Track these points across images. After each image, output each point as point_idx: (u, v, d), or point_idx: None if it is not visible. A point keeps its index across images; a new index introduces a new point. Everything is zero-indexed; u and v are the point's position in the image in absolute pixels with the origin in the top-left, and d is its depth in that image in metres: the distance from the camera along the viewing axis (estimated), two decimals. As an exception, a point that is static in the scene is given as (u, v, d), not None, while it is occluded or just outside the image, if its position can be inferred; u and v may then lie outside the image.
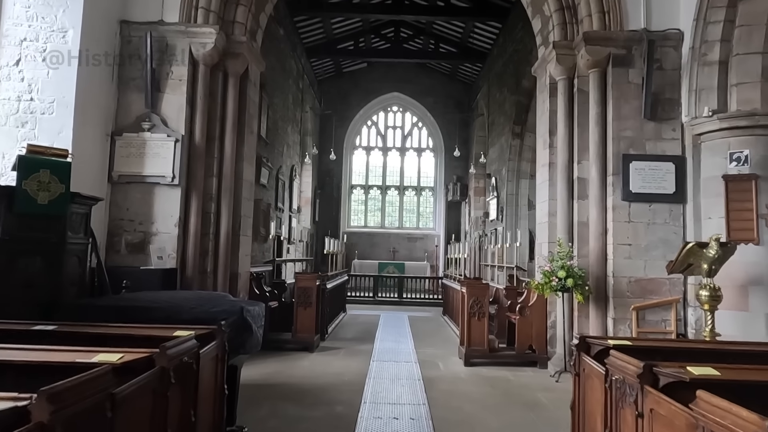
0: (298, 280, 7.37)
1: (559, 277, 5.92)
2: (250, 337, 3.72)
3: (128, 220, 6.22)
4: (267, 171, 11.47)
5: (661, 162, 6.21)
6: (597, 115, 6.41)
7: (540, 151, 7.34)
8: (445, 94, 19.73)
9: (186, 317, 3.67)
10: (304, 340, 7.20)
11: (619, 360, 2.76)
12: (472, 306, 6.71)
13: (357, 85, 19.69)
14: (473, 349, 6.66)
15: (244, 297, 7.01)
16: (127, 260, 6.13)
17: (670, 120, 6.30)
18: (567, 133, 6.69)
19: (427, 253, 19.32)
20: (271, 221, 9.17)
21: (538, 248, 7.28)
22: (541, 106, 7.37)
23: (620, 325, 6.10)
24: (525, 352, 6.71)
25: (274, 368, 6.18)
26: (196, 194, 6.34)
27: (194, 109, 6.43)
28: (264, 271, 9.43)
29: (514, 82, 12.84)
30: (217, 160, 6.61)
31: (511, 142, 12.96)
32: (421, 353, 7.42)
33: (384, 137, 20.69)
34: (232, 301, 4.18)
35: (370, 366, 6.46)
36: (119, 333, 3.32)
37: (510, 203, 13.09)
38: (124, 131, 6.22)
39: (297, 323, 7.25)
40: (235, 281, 6.73)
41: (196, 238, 6.32)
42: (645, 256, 6.17)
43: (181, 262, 6.24)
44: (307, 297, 7.27)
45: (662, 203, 6.20)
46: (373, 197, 20.69)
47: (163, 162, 6.17)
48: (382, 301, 14.69)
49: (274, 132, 12.46)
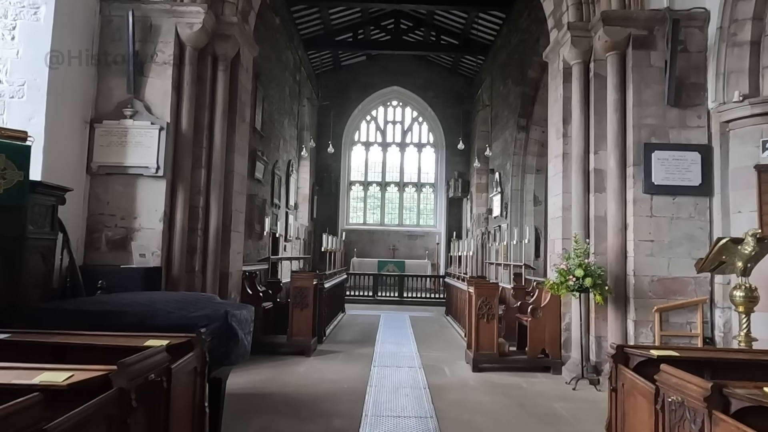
0: (293, 279, 6.89)
1: (576, 276, 5.45)
2: (235, 345, 3.25)
3: (109, 215, 5.74)
4: (262, 165, 10.98)
5: (685, 151, 5.75)
6: (616, 101, 5.95)
7: (552, 141, 6.87)
8: (446, 87, 19.24)
9: (161, 323, 3.19)
10: (300, 343, 6.73)
11: (675, 377, 2.30)
12: (481, 307, 6.24)
13: (356, 78, 19.19)
14: (482, 354, 6.20)
15: (236, 297, 6.54)
16: (108, 258, 5.66)
17: (695, 106, 5.83)
18: (582, 122, 6.22)
19: (428, 250, 18.86)
20: (267, 218, 8.68)
21: (551, 245, 6.81)
22: (553, 93, 6.90)
23: (642, 328, 5.64)
24: (537, 356, 6.25)
25: (266, 375, 5.71)
26: (182, 187, 5.86)
27: (181, 94, 5.94)
28: (258, 269, 8.96)
29: (519, 73, 12.37)
30: (205, 150, 6.13)
31: (516, 136, 12.49)
32: (425, 357, 6.96)
33: (383, 132, 20.20)
34: (218, 305, 3.71)
35: (371, 372, 5.99)
36: (82, 343, 2.85)
37: (515, 199, 12.62)
38: (105, 118, 5.74)
39: (292, 326, 6.78)
40: (226, 281, 6.25)
41: (182, 234, 5.84)
42: (668, 253, 5.70)
43: (167, 260, 5.76)
44: (303, 297, 6.80)
45: (687, 196, 5.74)
46: (372, 194, 20.22)
47: (147, 152, 5.69)
48: (382, 300, 14.23)
49: (269, 125, 11.97)
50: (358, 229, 19.38)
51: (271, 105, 12.03)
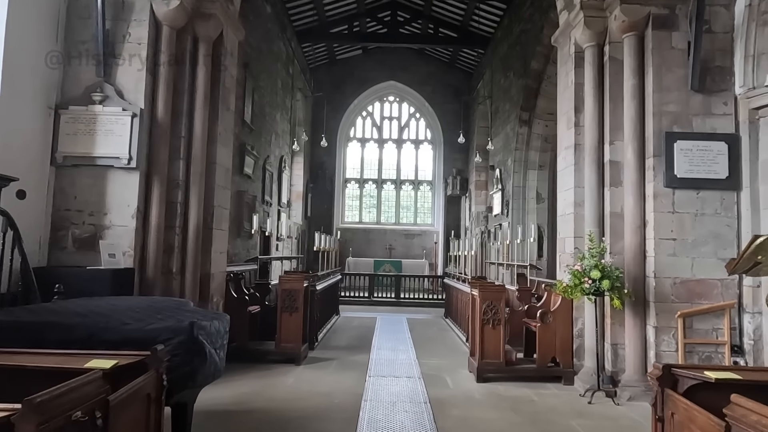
0: (281, 282, 6.35)
1: (592, 278, 4.94)
2: (202, 364, 2.72)
3: (76, 211, 5.20)
4: (252, 160, 10.44)
5: (710, 141, 5.25)
6: (633, 87, 5.44)
7: (562, 132, 6.36)
8: (444, 82, 18.73)
9: (113, 337, 2.66)
10: (289, 351, 6.20)
11: (756, 413, 1.78)
12: (486, 312, 5.72)
13: (351, 73, 18.64)
14: (487, 363, 5.68)
15: (219, 301, 6.01)
16: (75, 259, 5.12)
17: (721, 92, 5.33)
18: (596, 110, 5.71)
19: (426, 250, 18.35)
20: (254, 215, 8.14)
21: (560, 244, 6.30)
22: (563, 80, 6.39)
23: (663, 335, 5.14)
24: (547, 365, 5.74)
25: (251, 387, 5.18)
26: (158, 180, 5.32)
27: (156, 78, 5.40)
28: (246, 270, 8.42)
29: (521, 65, 11.86)
30: (184, 140, 5.59)
31: (518, 130, 11.98)
32: (424, 365, 6.44)
33: (380, 128, 19.67)
34: (187, 314, 3.18)
35: (366, 383, 5.47)
36: (8, 365, 2.32)
37: (516, 196, 12.12)
38: (71, 104, 5.19)
39: (281, 332, 6.24)
40: (207, 283, 5.72)
41: (158, 232, 5.30)
42: (692, 252, 5.20)
43: (140, 260, 5.22)
44: (293, 301, 6.26)
45: (712, 190, 5.24)
46: (368, 192, 19.68)
47: (118, 141, 5.15)
48: (378, 301, 13.71)
49: (260, 118, 11.42)
50: (354, 228, 18.85)
51: (261, 97, 11.47)
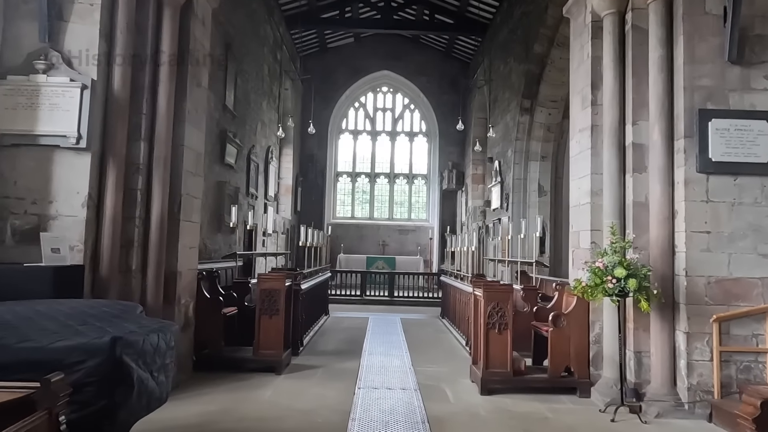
0: (260, 281, 5.62)
1: (616, 276, 4.26)
2: (127, 395, 2.01)
3: (16, 199, 4.45)
4: (234, 149, 9.70)
5: (750, 120, 4.59)
6: (660, 58, 4.77)
7: (576, 113, 5.68)
8: (440, 72, 18.03)
9: (3, 359, 1.95)
10: (269, 358, 5.50)
11: None
12: (491, 315, 5.04)
13: (343, 62, 17.91)
14: (493, 372, 5.00)
15: (188, 302, 5.29)
16: (15, 254, 4.36)
17: (762, 64, 4.67)
18: (617, 86, 5.04)
19: (420, 246, 17.67)
20: (233, 206, 7.39)
21: (573, 239, 5.63)
22: (577, 54, 5.71)
23: (696, 342, 4.48)
24: (561, 375, 5.07)
25: (220, 403, 4.47)
26: (114, 163, 4.58)
27: (112, 45, 4.65)
28: (224, 267, 7.70)
29: (522, 50, 11.17)
30: (146, 117, 4.86)
31: (518, 119, 11.30)
32: (421, 373, 5.75)
33: (373, 120, 18.95)
34: (125, 324, 2.46)
35: (355, 397, 4.77)
36: None
37: (517, 189, 11.44)
38: (9, 73, 4.42)
39: (259, 337, 5.53)
40: (174, 282, 4.99)
41: (114, 223, 4.56)
42: (729, 248, 4.54)
43: (93, 256, 4.49)
44: (273, 303, 5.55)
45: (752, 176, 4.58)
46: (360, 186, 18.97)
47: (65, 117, 4.40)
48: (370, 300, 13.02)
49: (244, 105, 10.67)
50: (346, 224, 18.15)
51: (246, 82, 10.72)
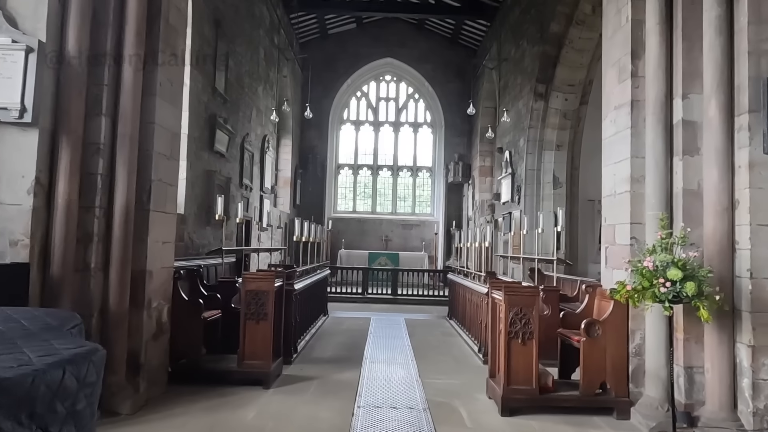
0: (245, 281, 4.88)
1: (670, 279, 3.52)
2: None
3: (-50, 184, 3.73)
4: (226, 136, 8.96)
5: (829, 91, 3.83)
6: (718, 18, 4.00)
7: (611, 87, 4.92)
8: (445, 60, 17.23)
9: None
10: (256, 370, 4.77)
11: None
12: (514, 322, 4.30)
13: (344, 49, 17.12)
14: (515, 390, 4.26)
15: (162, 306, 4.56)
16: (-53, 250, 3.66)
17: (843, 24, 3.91)
18: (663, 53, 4.28)
19: (425, 242, 16.93)
20: (220, 197, 6.64)
21: (608, 233, 4.88)
22: (612, 20, 4.94)
23: (763, 358, 3.73)
24: (595, 392, 4.33)
25: (194, 427, 3.75)
26: (69, 142, 3.85)
27: (67, 2, 3.92)
28: (213, 264, 6.99)
29: (537, 30, 10.38)
30: (109, 89, 4.12)
31: (532, 106, 10.52)
32: (430, 387, 5.02)
33: (375, 110, 18.17)
34: (18, 351, 1.72)
35: (354, 420, 4.04)
36: None
37: (530, 181, 10.69)
38: (-61, 33, 3.72)
39: (245, 346, 4.80)
40: (142, 283, 4.27)
41: (68, 213, 3.84)
42: (803, 244, 3.80)
43: (42, 252, 3.78)
44: (260, 306, 4.82)
45: (831, 158, 3.82)
46: (362, 179, 18.22)
47: (6, 85, 3.68)
48: (372, 298, 12.30)
49: (237, 89, 9.92)
50: (347, 218, 17.42)
51: (239, 65, 9.97)
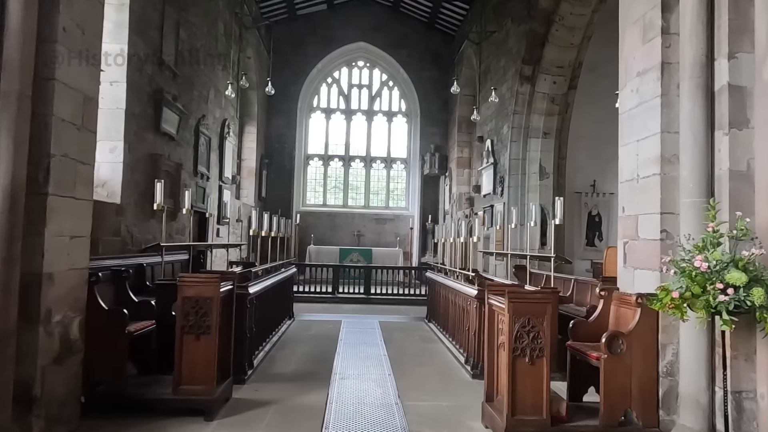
0: (182, 285, 3.85)
1: (732, 284, 2.70)
2: None
3: None
4: (176, 115, 7.86)
5: None
6: (776, -43, 3.20)
7: (633, 49, 4.09)
8: (422, 46, 16.33)
9: None
10: (195, 397, 3.79)
11: None
12: (520, 336, 3.43)
13: (315, 32, 16.05)
14: (522, 420, 3.40)
15: (72, 319, 3.52)
16: None
17: None
18: (703, 3, 3.46)
19: (399, 237, 16.04)
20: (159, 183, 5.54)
21: (627, 226, 4.06)
22: (634, -32, 4.11)
23: (837, 382, 2.96)
24: (619, 421, 3.51)
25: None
26: (-77, 99, 2.79)
27: None
28: (154, 264, 5.93)
29: (523, 7, 9.57)
30: (-13, 30, 3.07)
31: (517, 89, 9.72)
32: (412, 411, 4.13)
33: (347, 98, 17.16)
34: None
35: (318, 466, 3.12)
36: None
37: (514, 171, 9.90)
38: None
39: (182, 367, 3.81)
40: (36, 290, 3.22)
41: None
42: None
43: None
44: (201, 317, 3.83)
45: None
46: (333, 170, 17.21)
47: None
48: (344, 298, 11.37)
49: (191, 65, 8.81)
50: (317, 212, 16.40)
51: (193, 38, 8.86)
